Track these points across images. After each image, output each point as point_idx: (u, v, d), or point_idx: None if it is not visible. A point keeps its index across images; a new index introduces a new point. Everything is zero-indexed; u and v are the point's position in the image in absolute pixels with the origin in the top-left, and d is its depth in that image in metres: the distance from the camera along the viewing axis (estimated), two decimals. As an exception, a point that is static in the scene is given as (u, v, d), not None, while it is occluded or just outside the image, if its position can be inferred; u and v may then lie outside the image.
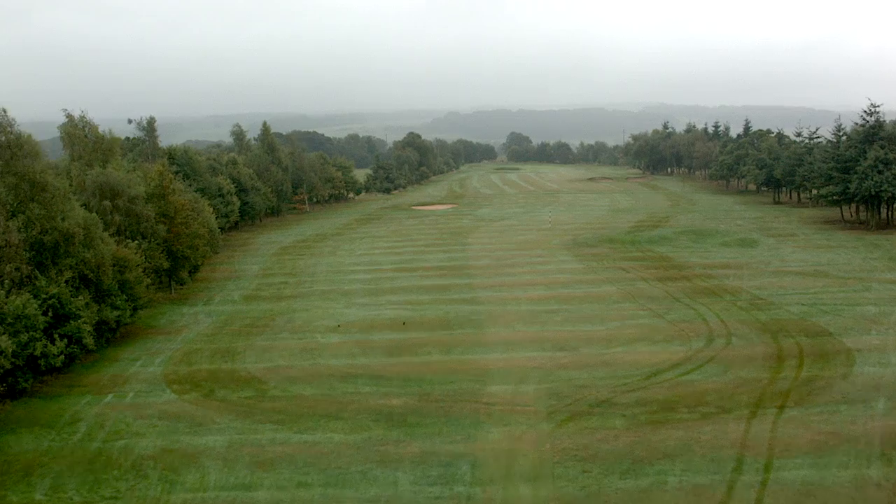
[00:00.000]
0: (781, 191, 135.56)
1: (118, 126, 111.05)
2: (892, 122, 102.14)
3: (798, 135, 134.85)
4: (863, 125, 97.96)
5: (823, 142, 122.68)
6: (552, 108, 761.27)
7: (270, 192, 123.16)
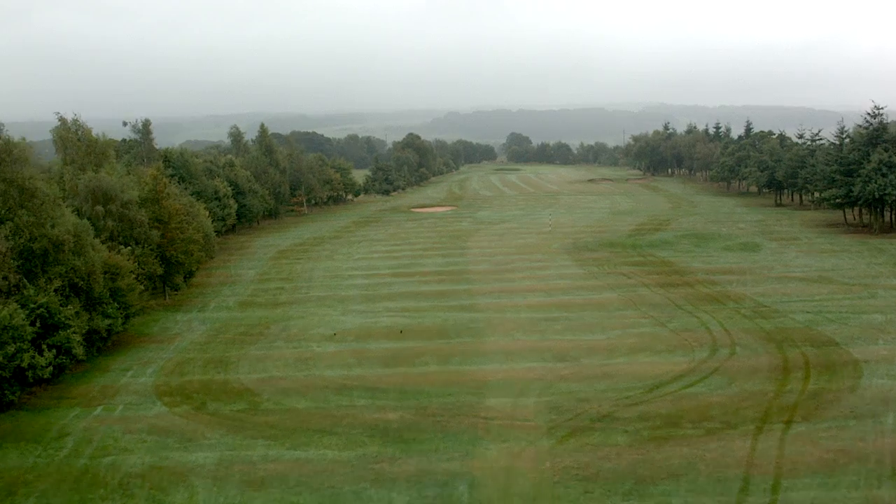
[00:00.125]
0: (783, 193, 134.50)
1: (116, 127, 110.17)
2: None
3: (800, 136, 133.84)
4: (866, 127, 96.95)
5: (826, 144, 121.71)
6: (552, 108, 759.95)
7: (268, 195, 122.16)
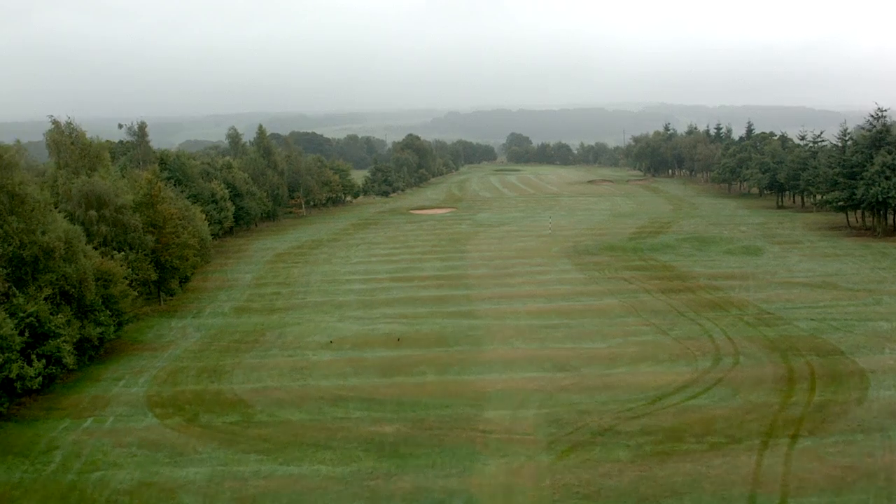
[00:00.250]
0: (784, 195, 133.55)
1: (115, 127, 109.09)
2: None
3: (802, 138, 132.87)
4: (869, 130, 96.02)
5: (828, 145, 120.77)
6: (552, 108, 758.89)
7: (266, 197, 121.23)
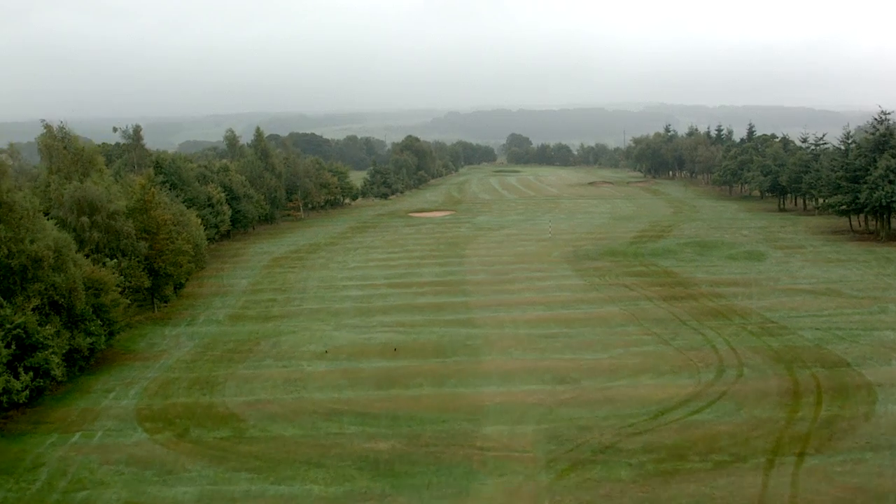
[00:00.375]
0: (786, 197, 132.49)
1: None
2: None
3: (804, 140, 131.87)
4: (873, 133, 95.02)
5: (830, 148, 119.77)
6: (552, 108, 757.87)
7: (263, 200, 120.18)
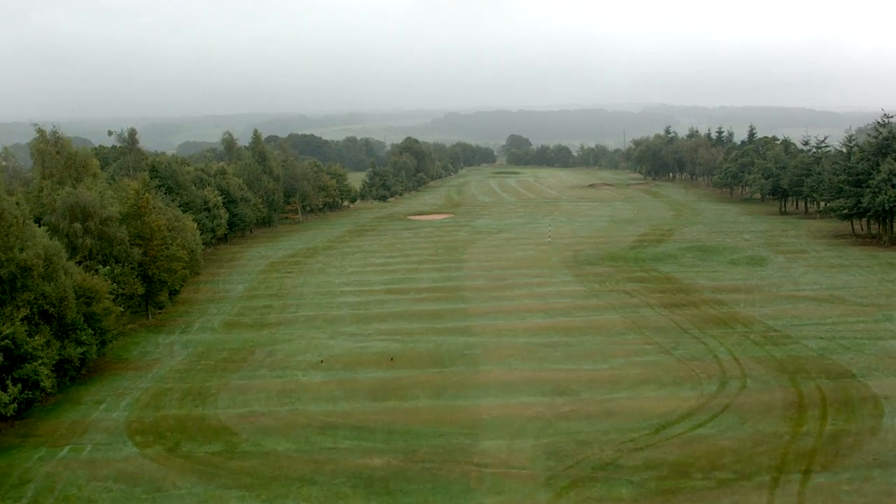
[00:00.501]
0: (787, 200, 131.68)
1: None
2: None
3: (805, 143, 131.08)
4: (875, 136, 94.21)
5: (832, 151, 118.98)
6: (552, 109, 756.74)
7: (261, 203, 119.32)
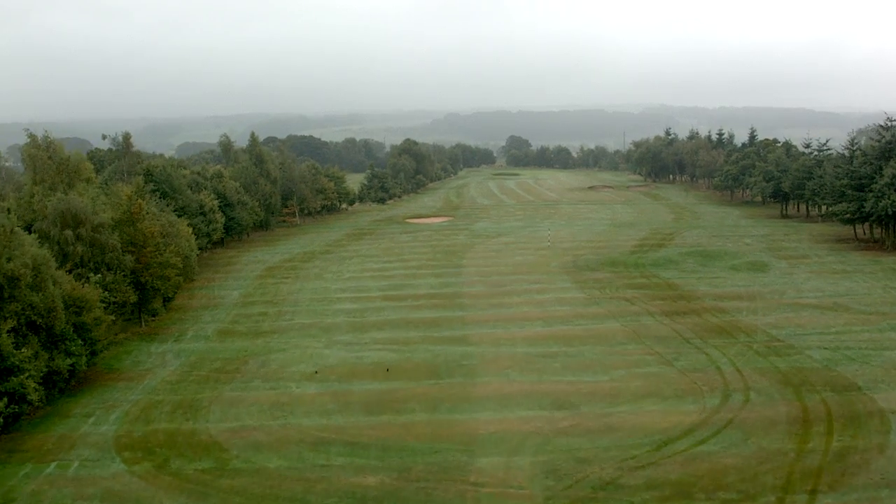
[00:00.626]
0: (788, 203, 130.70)
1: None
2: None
3: (807, 146, 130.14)
4: (878, 140, 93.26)
5: (834, 154, 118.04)
6: (552, 109, 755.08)
7: (258, 206, 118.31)
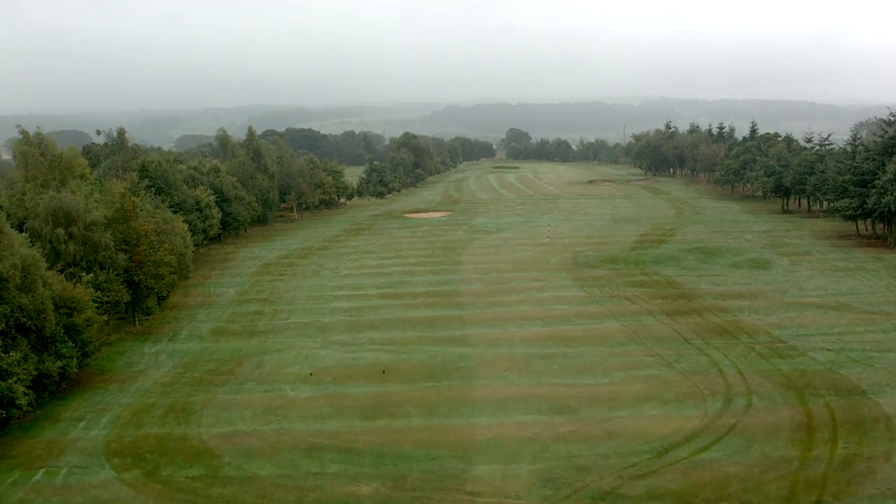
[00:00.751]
0: (790, 198, 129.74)
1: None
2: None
3: (808, 140, 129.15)
4: (881, 135, 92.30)
5: (836, 149, 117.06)
6: (552, 102, 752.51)
7: (255, 201, 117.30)
